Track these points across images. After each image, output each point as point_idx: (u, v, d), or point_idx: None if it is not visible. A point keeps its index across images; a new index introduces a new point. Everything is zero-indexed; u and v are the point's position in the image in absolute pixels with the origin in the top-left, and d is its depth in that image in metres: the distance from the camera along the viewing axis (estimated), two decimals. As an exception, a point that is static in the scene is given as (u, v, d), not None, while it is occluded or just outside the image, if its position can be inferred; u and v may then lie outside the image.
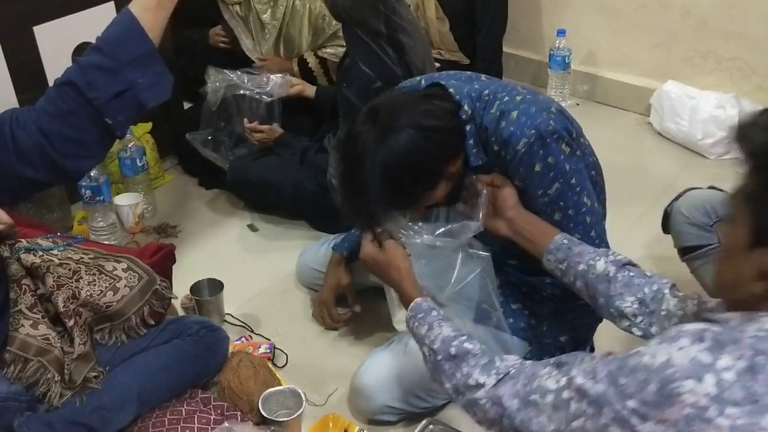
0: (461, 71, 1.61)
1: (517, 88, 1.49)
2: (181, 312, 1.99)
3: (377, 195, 1.37)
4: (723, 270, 0.97)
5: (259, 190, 2.35)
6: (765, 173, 0.90)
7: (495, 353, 1.19)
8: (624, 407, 0.90)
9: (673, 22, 2.86)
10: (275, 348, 1.89)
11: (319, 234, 2.29)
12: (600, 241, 1.48)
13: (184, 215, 2.48)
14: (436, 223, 1.49)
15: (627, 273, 1.32)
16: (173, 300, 1.72)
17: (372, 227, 1.48)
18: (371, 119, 1.38)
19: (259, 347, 1.88)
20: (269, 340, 1.92)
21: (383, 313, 1.96)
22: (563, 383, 1.01)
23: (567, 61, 3.02)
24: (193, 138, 2.46)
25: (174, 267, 1.73)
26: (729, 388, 0.83)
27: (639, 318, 1.29)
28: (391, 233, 1.46)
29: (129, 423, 1.53)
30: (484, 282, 1.53)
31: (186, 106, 2.77)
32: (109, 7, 2.26)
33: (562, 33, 3.00)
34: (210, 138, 2.48)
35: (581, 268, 1.35)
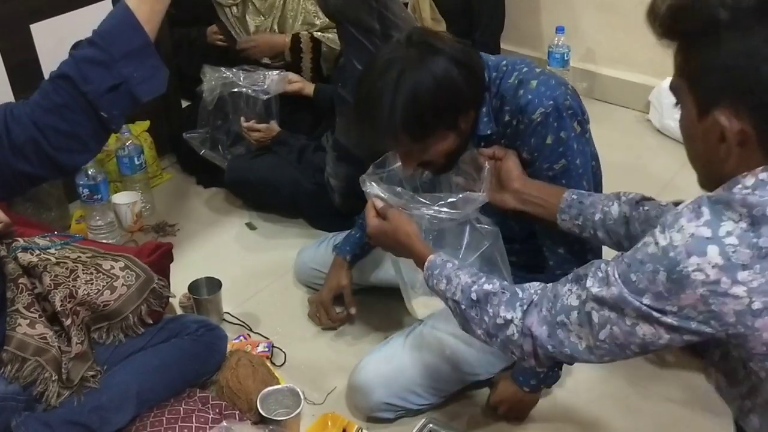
0: None
1: (534, 63, 1.49)
2: (180, 311, 1.98)
3: (397, 114, 1.34)
4: (694, 154, 0.98)
5: (257, 188, 2.35)
6: (685, 47, 0.96)
7: (516, 286, 1.16)
8: (642, 304, 0.91)
9: (673, 19, 2.85)
10: (274, 347, 1.89)
11: (318, 232, 2.29)
12: None
13: (182, 214, 2.48)
14: (439, 194, 1.46)
15: (642, 209, 1.29)
16: (171, 299, 1.72)
17: (374, 159, 1.46)
18: (407, 43, 1.37)
19: (258, 346, 1.88)
20: (268, 338, 1.92)
21: (381, 312, 1.97)
22: (584, 297, 1.00)
23: (566, 59, 3.02)
24: (190, 137, 2.45)
25: (172, 265, 1.73)
26: (734, 252, 0.84)
27: None
28: (394, 205, 1.44)
29: (127, 422, 1.52)
30: (493, 256, 1.51)
31: (184, 104, 2.76)
32: (107, 5, 2.25)
33: (561, 30, 2.99)
34: (207, 137, 2.47)
35: (597, 217, 1.33)
